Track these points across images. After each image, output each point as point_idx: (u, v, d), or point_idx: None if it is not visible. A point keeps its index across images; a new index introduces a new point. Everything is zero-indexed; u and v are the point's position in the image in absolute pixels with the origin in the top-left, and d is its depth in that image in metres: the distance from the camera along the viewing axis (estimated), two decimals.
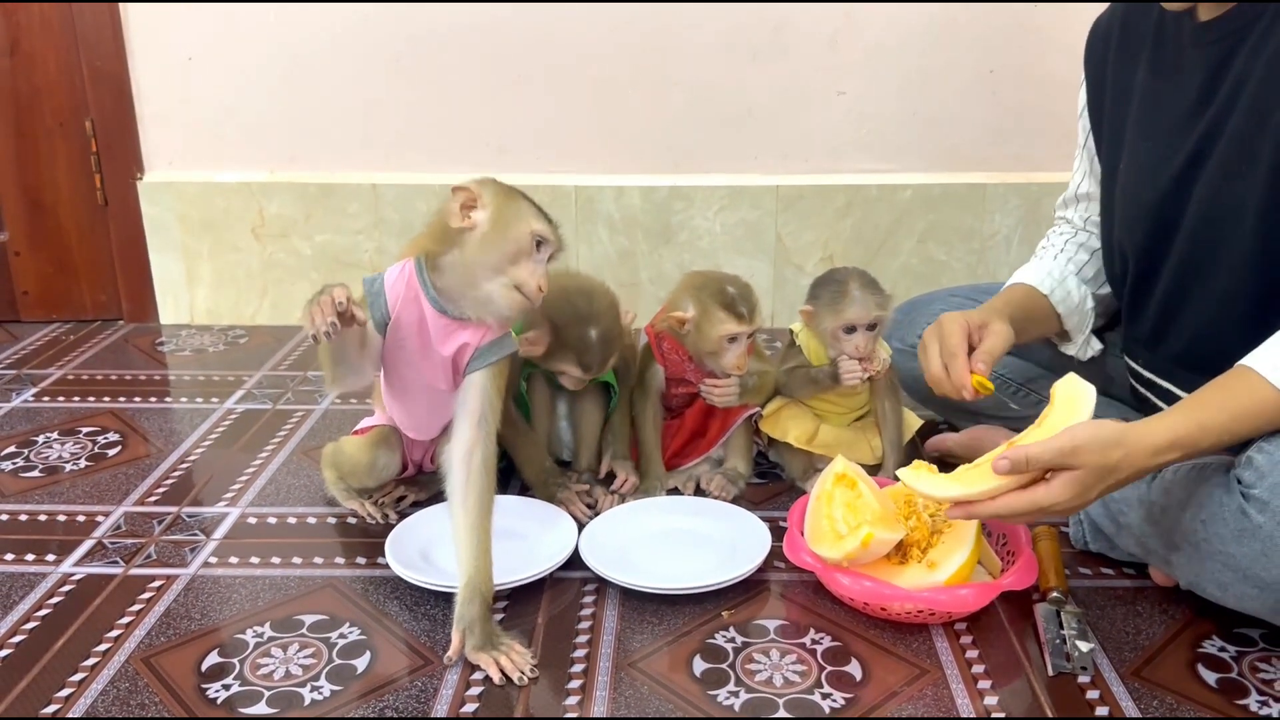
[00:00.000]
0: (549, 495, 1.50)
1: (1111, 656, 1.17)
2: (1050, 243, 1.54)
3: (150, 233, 2.35)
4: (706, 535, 1.42)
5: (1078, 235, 1.52)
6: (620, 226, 2.31)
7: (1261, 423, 1.07)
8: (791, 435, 1.55)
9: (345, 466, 1.50)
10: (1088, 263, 1.50)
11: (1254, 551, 1.08)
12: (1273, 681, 1.13)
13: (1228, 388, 1.08)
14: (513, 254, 1.22)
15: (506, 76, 2.25)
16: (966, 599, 1.20)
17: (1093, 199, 1.49)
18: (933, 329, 1.34)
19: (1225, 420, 1.06)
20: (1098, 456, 1.05)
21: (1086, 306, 1.48)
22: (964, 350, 1.29)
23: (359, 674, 1.16)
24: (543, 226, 1.24)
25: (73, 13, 2.21)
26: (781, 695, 1.11)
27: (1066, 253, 1.50)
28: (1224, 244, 1.21)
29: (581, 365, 1.47)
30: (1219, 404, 1.07)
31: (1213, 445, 1.08)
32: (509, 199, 1.25)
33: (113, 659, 1.18)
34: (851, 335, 1.47)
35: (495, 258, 1.22)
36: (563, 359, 1.47)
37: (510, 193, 1.26)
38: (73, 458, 1.71)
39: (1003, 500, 1.09)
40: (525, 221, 1.23)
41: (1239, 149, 1.18)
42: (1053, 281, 1.46)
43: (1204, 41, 1.21)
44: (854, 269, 1.51)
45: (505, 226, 1.22)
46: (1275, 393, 1.05)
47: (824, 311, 1.48)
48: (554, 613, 1.27)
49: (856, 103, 2.25)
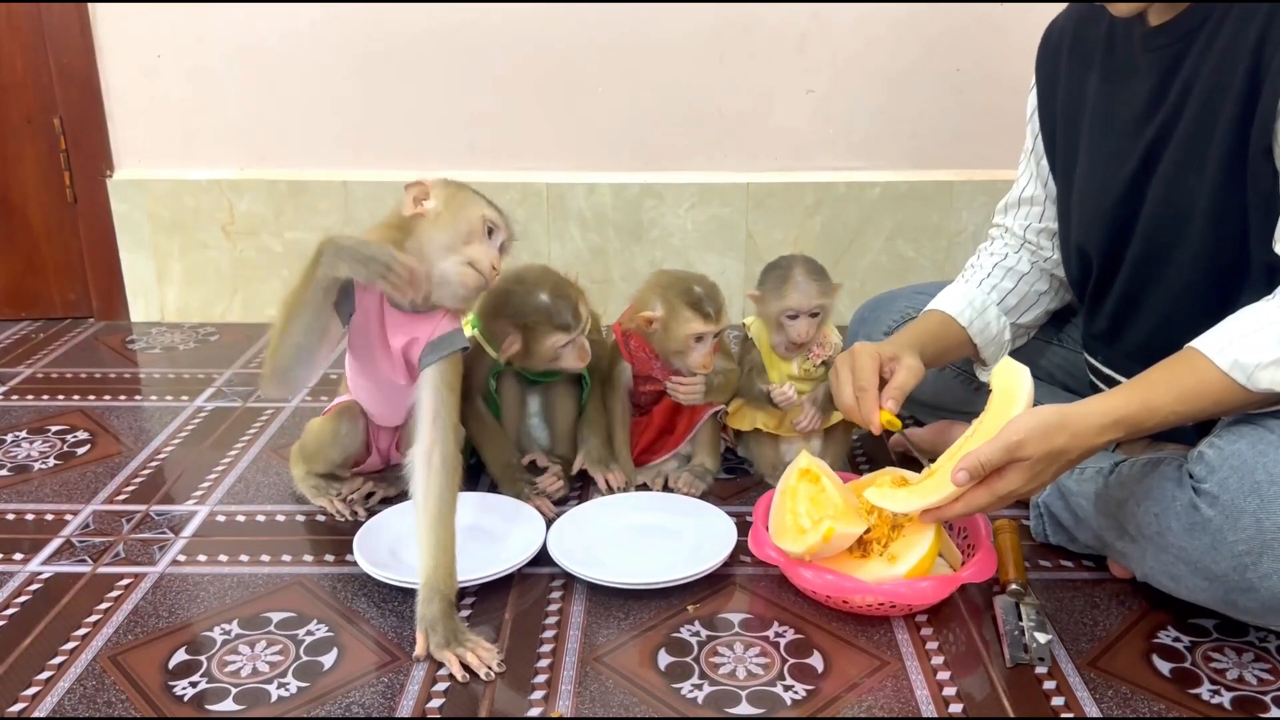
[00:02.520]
0: (515, 491, 1.51)
1: (1069, 647, 1.20)
2: (979, 263, 1.54)
3: (120, 230, 2.35)
4: (673, 530, 1.43)
5: (1008, 258, 1.52)
6: (592, 224, 2.32)
7: (1208, 403, 1.09)
8: (759, 422, 1.57)
9: (311, 446, 1.52)
10: (1011, 291, 1.50)
11: (1204, 544, 1.10)
12: (1224, 671, 1.15)
13: (1173, 368, 1.11)
14: (465, 234, 1.29)
15: (477, 74, 2.26)
16: (926, 591, 1.22)
17: (1036, 203, 1.50)
18: (845, 357, 1.34)
19: (1171, 400, 1.08)
20: (1043, 444, 1.08)
21: (1004, 338, 1.50)
22: (874, 385, 1.29)
23: (325, 671, 1.16)
24: (493, 213, 1.32)
25: (40, 10, 2.20)
26: (744, 688, 1.13)
27: (992, 279, 1.50)
28: (1177, 242, 1.24)
29: (561, 327, 1.46)
30: (1165, 383, 1.10)
31: (1160, 424, 1.10)
32: (459, 189, 1.32)
33: (80, 657, 1.19)
34: (795, 321, 1.49)
35: (449, 237, 1.29)
36: (544, 336, 1.46)
37: (461, 186, 1.33)
38: (41, 456, 1.71)
39: (965, 498, 1.13)
40: (476, 206, 1.31)
41: (1189, 149, 1.20)
42: (973, 312, 1.47)
43: (1154, 46, 1.24)
44: (801, 256, 1.53)
45: (457, 210, 1.30)
46: (1219, 373, 1.07)
47: (769, 296, 1.51)
48: (521, 609, 1.28)
49: (825, 102, 2.27)
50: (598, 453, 1.58)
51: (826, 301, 1.50)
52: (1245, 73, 1.12)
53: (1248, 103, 1.13)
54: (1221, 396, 1.08)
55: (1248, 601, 1.09)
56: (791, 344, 1.51)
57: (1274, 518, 1.05)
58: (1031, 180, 1.51)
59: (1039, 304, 1.52)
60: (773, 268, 1.53)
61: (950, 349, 1.47)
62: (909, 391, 1.31)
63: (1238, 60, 1.13)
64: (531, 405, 1.64)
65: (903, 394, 1.30)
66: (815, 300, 1.49)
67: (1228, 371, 1.06)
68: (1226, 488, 1.08)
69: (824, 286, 1.50)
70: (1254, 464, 1.08)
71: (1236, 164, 1.15)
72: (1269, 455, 1.08)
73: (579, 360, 1.51)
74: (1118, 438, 1.10)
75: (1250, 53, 1.12)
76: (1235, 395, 1.07)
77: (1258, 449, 1.09)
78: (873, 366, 1.30)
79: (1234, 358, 1.06)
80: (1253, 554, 1.06)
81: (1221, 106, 1.15)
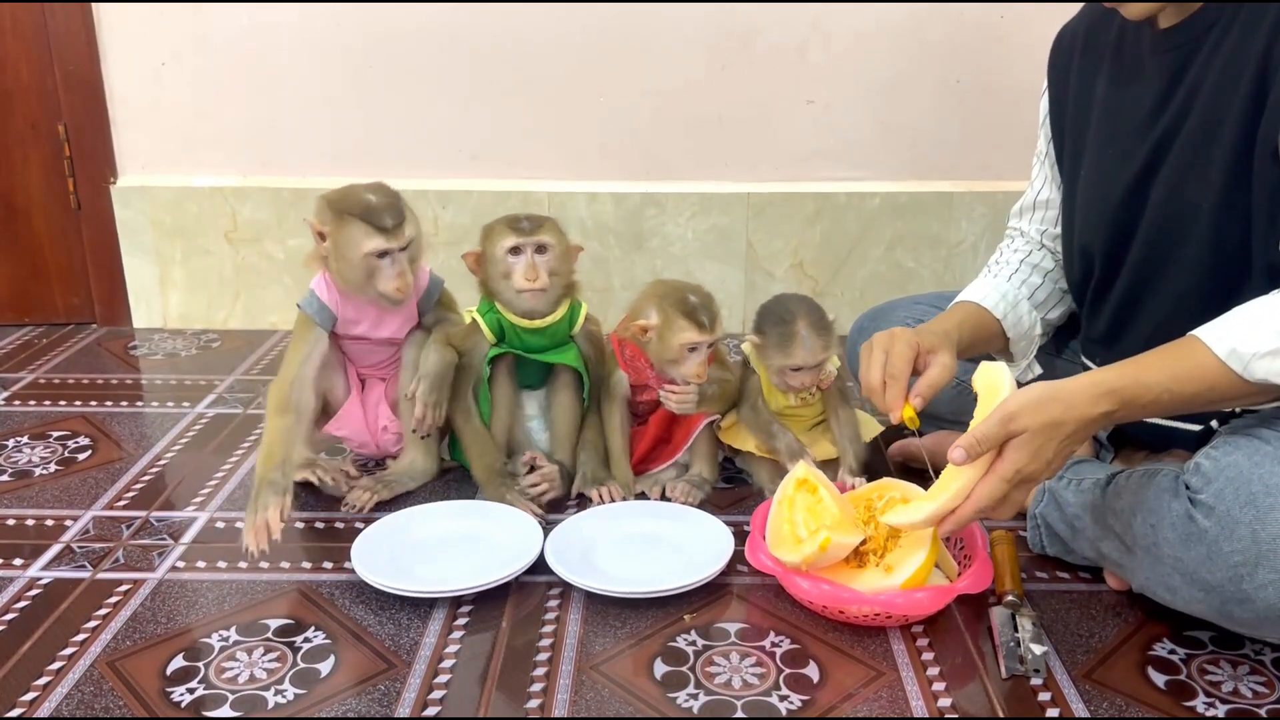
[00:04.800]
0: (498, 496, 1.51)
1: (1064, 659, 1.20)
2: (1004, 259, 1.54)
3: (123, 236, 2.35)
4: (671, 539, 1.43)
5: (1031, 255, 1.52)
6: (593, 232, 2.33)
7: (1202, 387, 1.08)
8: (752, 444, 1.56)
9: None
10: (1040, 286, 1.50)
11: (1200, 555, 1.10)
12: (1219, 683, 1.15)
13: (1171, 351, 1.11)
14: (364, 271, 1.45)
15: (479, 82, 2.26)
16: (922, 602, 1.22)
17: (1051, 206, 1.51)
18: (884, 337, 1.31)
19: (1165, 379, 1.08)
20: (1037, 415, 1.07)
21: (1035, 332, 1.50)
22: (906, 375, 1.27)
23: (322, 678, 1.17)
24: (375, 244, 1.44)
25: (45, 17, 2.21)
26: (740, 697, 1.13)
27: (1021, 274, 1.50)
28: (1179, 245, 1.24)
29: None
30: (1159, 364, 1.10)
31: (1153, 403, 1.09)
32: (340, 225, 1.46)
33: (78, 663, 1.19)
34: (797, 373, 1.48)
35: (353, 278, 1.48)
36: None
37: (340, 216, 1.46)
38: (43, 462, 1.72)
39: (977, 493, 1.11)
40: (358, 246, 1.44)
41: (1193, 153, 1.20)
42: (1006, 305, 1.46)
43: (1162, 49, 1.24)
44: (803, 304, 1.49)
45: (345, 254, 1.45)
46: (1215, 360, 1.07)
47: (771, 349, 1.48)
48: (518, 617, 1.28)
49: (825, 112, 2.28)
50: (594, 475, 1.57)
51: (830, 353, 1.48)
52: (1252, 76, 1.13)
53: (1254, 106, 1.13)
54: (1216, 382, 1.07)
55: (1243, 613, 1.09)
56: (790, 389, 1.51)
57: (1269, 529, 1.05)
58: (1046, 184, 1.51)
59: (1064, 301, 1.52)
60: (774, 319, 1.48)
61: (983, 340, 1.45)
62: (939, 391, 1.28)
63: (1245, 64, 1.14)
64: (530, 407, 1.65)
65: (933, 391, 1.27)
66: (820, 355, 1.47)
67: (1224, 359, 1.06)
68: (1222, 499, 1.08)
69: (826, 340, 1.47)
70: (1250, 475, 1.08)
71: (1242, 167, 1.15)
72: (1265, 466, 1.08)
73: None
74: (1111, 410, 1.08)
75: (1258, 56, 1.12)
76: (1231, 383, 1.07)
77: (1254, 460, 1.09)
78: (908, 356, 1.28)
79: (1232, 346, 1.06)
80: (1248, 565, 1.06)
81: (1228, 109, 1.16)
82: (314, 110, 2.29)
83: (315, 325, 1.53)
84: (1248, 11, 1.15)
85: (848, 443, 1.55)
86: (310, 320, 1.53)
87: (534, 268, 1.50)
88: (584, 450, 1.60)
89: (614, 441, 1.59)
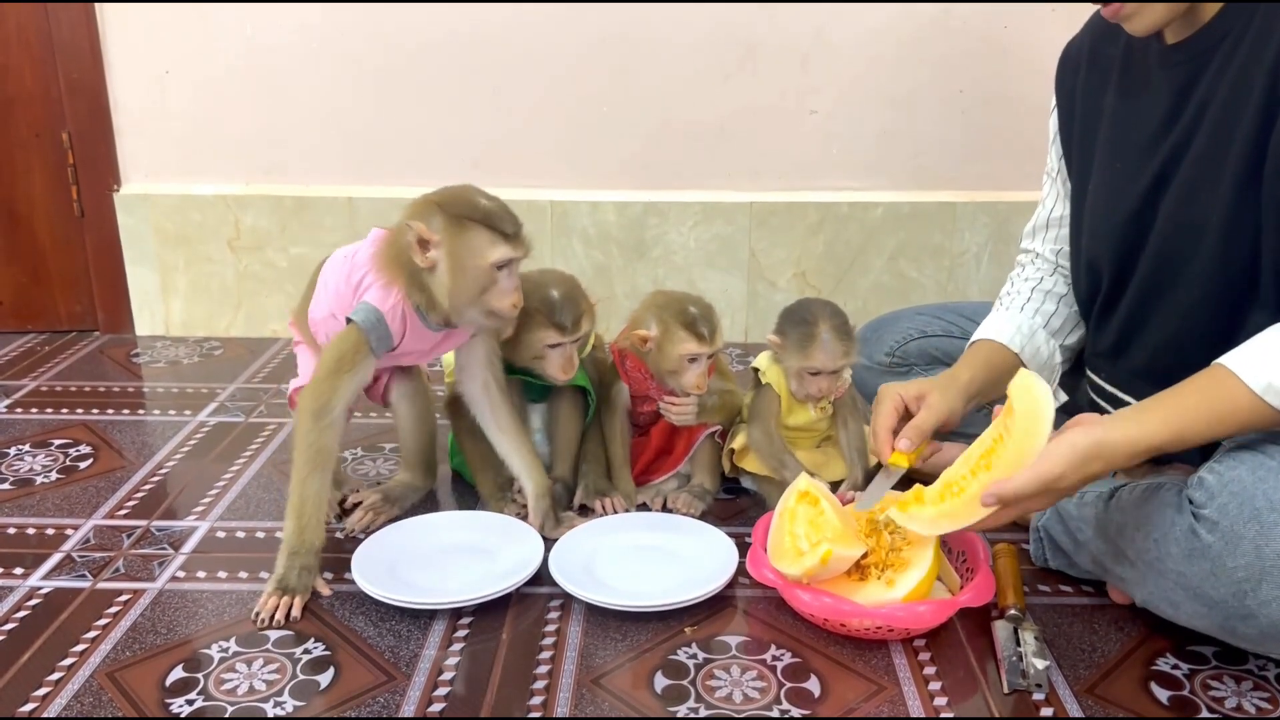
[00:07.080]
0: (500, 510, 1.51)
1: (1067, 673, 1.19)
2: (1015, 289, 1.53)
3: (126, 244, 2.36)
4: (673, 551, 1.43)
5: (1044, 281, 1.51)
6: (595, 241, 2.33)
7: (1235, 426, 1.09)
8: (767, 469, 1.55)
9: None
10: (1054, 313, 1.49)
11: (1203, 570, 1.10)
12: (1223, 699, 1.15)
13: (1206, 393, 1.09)
14: (482, 286, 1.30)
15: (482, 91, 2.27)
16: (924, 615, 1.22)
17: (1064, 224, 1.49)
18: (879, 395, 1.36)
19: (1205, 430, 1.09)
20: (1078, 473, 1.09)
21: (1055, 361, 1.49)
22: (888, 427, 1.32)
23: (322, 689, 1.16)
24: (501, 253, 1.29)
25: (49, 24, 2.22)
26: (740, 712, 1.13)
27: (1033, 303, 1.49)
28: (1187, 260, 1.24)
29: (556, 326, 1.44)
30: (1197, 410, 1.09)
31: (1184, 449, 1.11)
32: (459, 231, 1.28)
33: (77, 673, 1.19)
34: (815, 377, 1.48)
35: (466, 294, 1.30)
36: (536, 329, 1.45)
37: (459, 222, 1.28)
38: (44, 470, 1.72)
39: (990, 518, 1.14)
40: (482, 255, 1.28)
41: (1203, 168, 1.20)
42: (1022, 338, 1.45)
43: (1171, 63, 1.24)
44: (827, 307, 1.49)
45: (464, 259, 1.28)
46: (1251, 397, 1.06)
47: (791, 350, 1.48)
48: (519, 629, 1.28)
49: (828, 122, 2.28)
50: (595, 486, 1.57)
51: (849, 360, 1.49)
52: (1262, 90, 1.13)
53: (1264, 120, 1.13)
54: (1250, 419, 1.08)
55: (1246, 628, 1.09)
56: (808, 395, 1.51)
57: (1273, 544, 1.04)
58: (1058, 201, 1.50)
59: (1081, 325, 1.51)
60: (797, 319, 1.49)
61: (1003, 377, 1.43)
62: (928, 431, 1.31)
63: (1254, 78, 1.14)
64: (534, 421, 1.64)
65: (919, 433, 1.30)
66: (840, 361, 1.47)
67: (1261, 394, 1.06)
68: (1226, 513, 1.08)
69: (847, 346, 1.47)
70: (1254, 490, 1.07)
71: (1251, 182, 1.15)
72: (1269, 482, 1.07)
73: (561, 370, 1.48)
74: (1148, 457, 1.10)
75: (1267, 71, 1.12)
76: (1265, 417, 1.07)
77: (1257, 475, 1.08)
78: (891, 409, 1.33)
79: (1268, 381, 1.05)
80: (1252, 580, 1.06)
81: (1237, 124, 1.15)
82: (317, 118, 2.29)
83: (368, 349, 1.33)
84: (1258, 26, 1.15)
85: (854, 454, 1.55)
86: (364, 341, 1.33)
87: (571, 360, 1.48)
88: (586, 462, 1.60)
89: (616, 453, 1.59)
